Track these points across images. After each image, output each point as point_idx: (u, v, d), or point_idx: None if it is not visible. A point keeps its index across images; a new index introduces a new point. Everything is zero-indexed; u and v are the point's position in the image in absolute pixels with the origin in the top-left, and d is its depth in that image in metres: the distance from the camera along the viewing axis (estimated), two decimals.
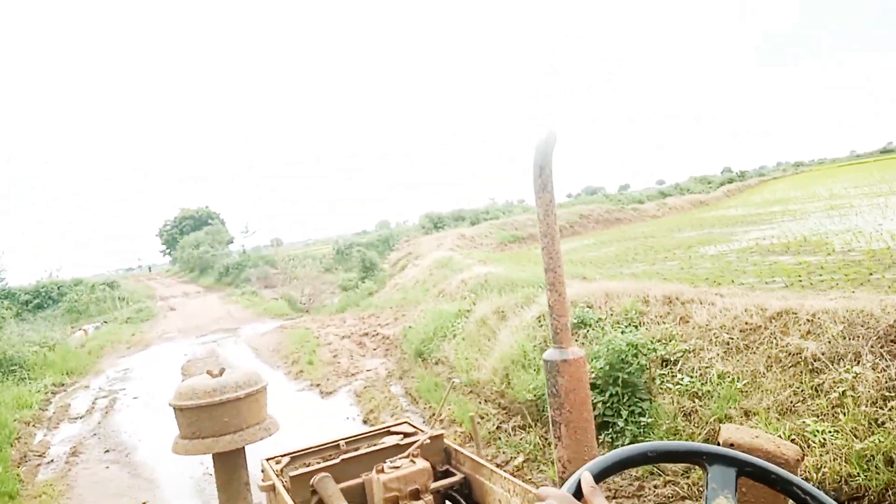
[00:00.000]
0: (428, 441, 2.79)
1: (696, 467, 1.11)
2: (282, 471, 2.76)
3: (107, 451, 8.51)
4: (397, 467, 2.57)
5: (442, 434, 2.86)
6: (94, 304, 34.98)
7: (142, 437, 8.91)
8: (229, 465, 2.09)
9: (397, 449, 2.82)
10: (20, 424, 10.28)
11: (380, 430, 3.20)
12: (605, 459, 0.97)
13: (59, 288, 38.37)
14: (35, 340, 17.12)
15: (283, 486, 2.55)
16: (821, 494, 0.91)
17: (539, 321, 7.45)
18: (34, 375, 14.71)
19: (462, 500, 2.64)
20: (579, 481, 0.92)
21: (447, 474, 2.78)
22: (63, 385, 14.22)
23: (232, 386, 2.02)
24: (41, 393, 13.15)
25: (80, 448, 8.75)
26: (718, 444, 1.18)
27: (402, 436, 2.99)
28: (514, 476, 2.85)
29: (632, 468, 1.27)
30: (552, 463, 3.58)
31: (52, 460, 8.35)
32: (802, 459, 1.46)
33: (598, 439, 4.79)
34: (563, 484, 1.33)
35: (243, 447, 2.06)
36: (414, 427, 3.12)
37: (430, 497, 2.56)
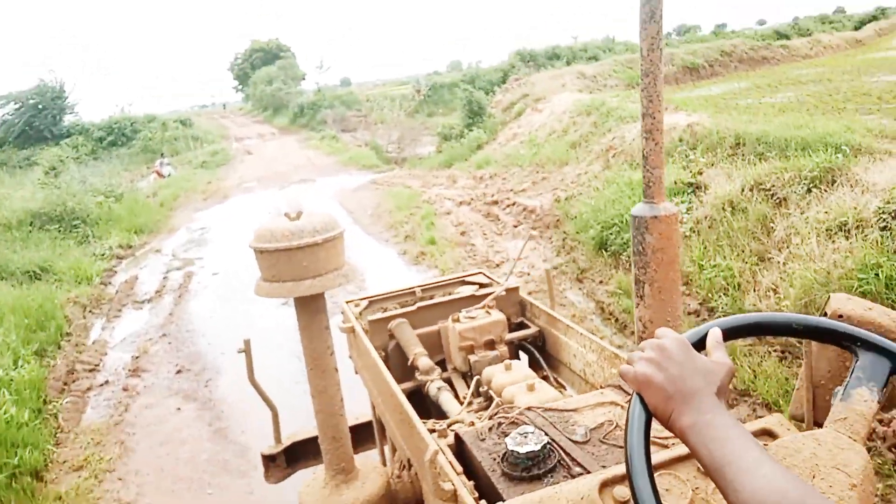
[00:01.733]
0: (503, 293, 2.72)
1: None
2: (361, 314, 2.78)
3: (178, 370, 6.16)
4: (473, 317, 2.54)
5: (517, 287, 2.80)
6: (168, 142, 33.14)
7: (225, 349, 6.50)
8: (310, 309, 2.02)
9: (473, 299, 2.76)
10: (76, 309, 8.12)
11: (454, 279, 3.11)
12: (742, 319, 0.93)
13: (132, 124, 36.67)
14: (99, 189, 14.97)
15: (363, 328, 2.60)
16: None
17: (881, 222, 4.25)
18: (98, 233, 12.63)
19: (536, 352, 2.60)
20: (705, 335, 0.89)
21: (521, 326, 2.75)
22: (131, 247, 12.09)
23: (310, 231, 1.87)
24: (104, 259, 11.04)
25: (143, 361, 6.44)
26: (825, 315, 1.16)
27: (477, 286, 2.94)
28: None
29: (767, 336, 1.10)
30: None
31: (105, 381, 6.07)
32: None
33: None
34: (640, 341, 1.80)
35: (323, 292, 1.95)
36: (489, 278, 3.05)
37: (504, 348, 2.53)
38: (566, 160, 10.15)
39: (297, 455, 2.83)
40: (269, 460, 2.77)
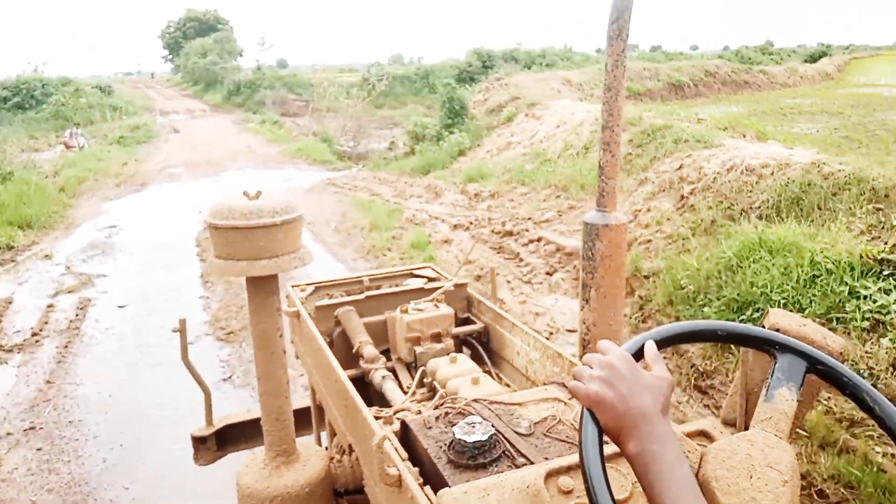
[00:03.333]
0: (452, 288, 2.75)
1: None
2: (306, 299, 2.76)
3: None
4: (421, 310, 2.55)
5: (466, 283, 2.84)
6: (82, 110, 29.15)
7: (133, 473, 3.95)
8: (263, 291, 2.02)
9: (421, 292, 2.77)
10: None
11: (403, 271, 3.09)
12: (671, 329, 0.97)
13: (43, 86, 32.34)
14: None
15: (308, 314, 2.55)
16: (889, 405, 0.88)
17: None
18: None
19: (480, 348, 2.62)
20: (641, 346, 0.92)
21: (467, 322, 2.76)
22: (12, 248, 9.10)
23: (269, 211, 1.86)
24: None
25: None
26: (763, 327, 1.19)
27: (426, 280, 2.94)
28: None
29: (695, 343, 1.24)
30: None
31: None
32: (843, 353, 1.29)
33: None
34: (582, 347, 2.04)
35: (277, 274, 1.95)
36: (437, 272, 3.03)
37: (450, 341, 2.55)
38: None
39: (227, 438, 2.83)
40: (199, 442, 2.76)
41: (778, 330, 1.24)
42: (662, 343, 0.95)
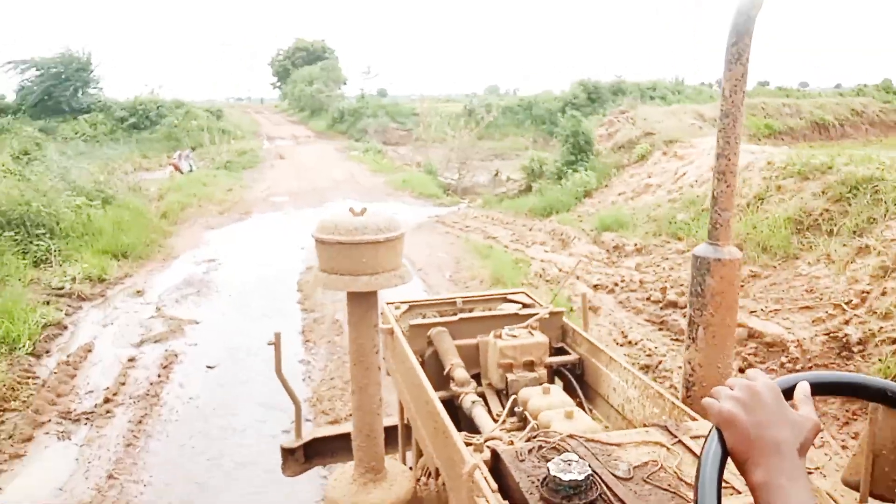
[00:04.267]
0: (547, 315, 2.66)
1: None
2: (400, 317, 2.73)
3: None
4: (515, 336, 2.47)
5: (562, 311, 2.76)
6: (192, 132, 29.79)
7: None
8: (363, 306, 2.05)
9: (515, 318, 2.69)
10: None
11: (497, 295, 3.05)
12: (834, 376, 0.89)
13: (158, 108, 33.48)
14: (83, 186, 11.30)
15: (402, 332, 2.55)
16: None
17: None
18: (66, 251, 8.99)
19: (574, 380, 2.52)
20: (794, 385, 0.84)
21: (562, 352, 2.66)
22: (103, 281, 8.40)
23: (373, 228, 1.90)
24: (57, 300, 7.37)
25: None
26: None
27: (520, 305, 2.85)
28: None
29: (856, 398, 0.92)
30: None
31: None
32: None
33: None
34: (686, 388, 2.02)
35: (377, 291, 1.99)
36: (532, 299, 2.95)
37: (543, 371, 2.45)
38: (791, 251, 6.36)
39: (315, 451, 2.86)
40: (288, 453, 2.78)
41: None
42: (818, 388, 0.85)
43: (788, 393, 0.84)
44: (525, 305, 2.88)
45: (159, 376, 5.60)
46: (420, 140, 24.32)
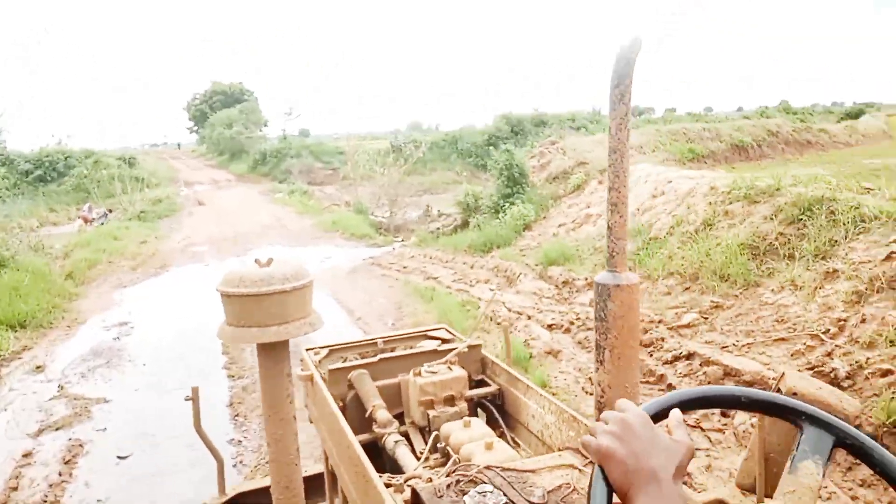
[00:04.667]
0: (466, 350, 2.71)
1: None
2: (320, 362, 2.73)
3: None
4: (434, 372, 2.51)
5: (480, 344, 2.80)
6: (103, 183, 28.13)
7: None
8: (273, 357, 2.04)
9: (435, 354, 2.72)
10: None
11: (417, 332, 3.06)
12: (694, 392, 0.95)
13: (66, 158, 31.68)
14: None
15: (322, 377, 2.55)
16: None
17: None
18: None
19: (494, 410, 2.55)
20: (661, 409, 0.90)
21: (482, 384, 2.71)
22: None
23: (279, 278, 1.90)
24: None
25: None
26: (779, 391, 1.23)
27: (439, 341, 2.90)
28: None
29: (717, 408, 1.18)
30: None
31: None
32: (858, 416, 1.48)
33: None
34: (598, 409, 1.87)
35: (287, 340, 1.99)
36: (452, 334, 3.00)
37: (464, 404, 2.50)
38: (751, 278, 6.08)
39: None
40: None
41: (794, 394, 1.32)
42: (684, 406, 0.92)
43: (658, 416, 0.88)
44: (444, 341, 2.91)
45: (60, 475, 4.70)
46: (347, 179, 23.68)
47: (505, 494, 1.47)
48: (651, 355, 5.60)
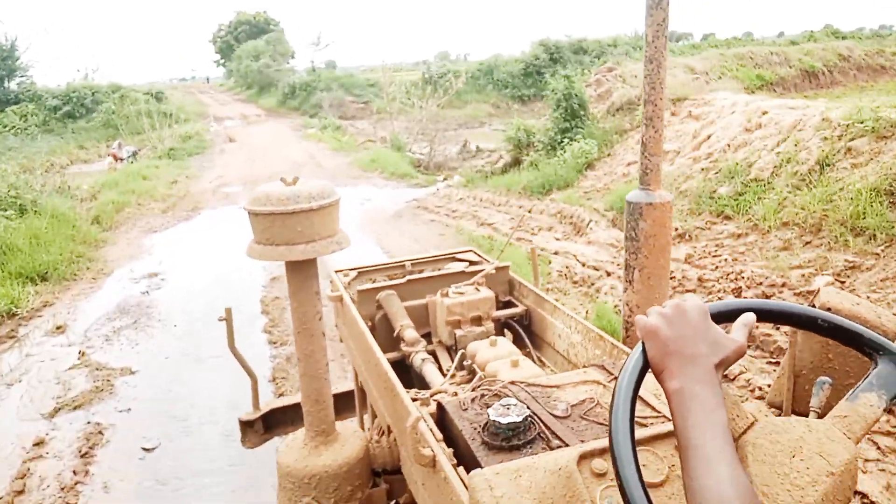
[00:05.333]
0: (493, 271, 2.71)
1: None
2: (349, 284, 2.75)
3: None
4: (462, 293, 2.53)
5: (508, 266, 2.78)
6: (131, 118, 27.34)
7: None
8: (302, 274, 2.05)
9: (462, 276, 2.72)
10: None
11: (446, 255, 3.04)
12: (772, 304, 0.94)
13: (93, 94, 30.89)
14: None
15: (351, 298, 2.59)
16: None
17: None
18: None
19: (521, 331, 2.58)
20: (727, 310, 0.89)
21: (509, 305, 2.72)
22: (14, 315, 6.65)
23: (306, 196, 1.89)
24: None
25: None
26: (814, 306, 1.18)
27: (467, 263, 2.89)
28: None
29: (791, 327, 1.00)
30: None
31: None
32: None
33: None
34: (625, 329, 2.43)
35: (315, 258, 1.99)
36: (480, 256, 2.99)
37: (490, 324, 2.52)
38: (895, 232, 4.98)
39: (274, 422, 2.86)
40: (246, 426, 2.76)
41: (829, 309, 1.25)
42: (755, 313, 0.89)
43: (720, 317, 0.87)
44: (472, 263, 2.89)
45: (74, 473, 3.96)
46: (381, 112, 22.45)
47: (528, 407, 1.49)
48: (778, 329, 4.58)
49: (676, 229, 6.60)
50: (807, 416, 0.98)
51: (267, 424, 2.83)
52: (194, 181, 14.72)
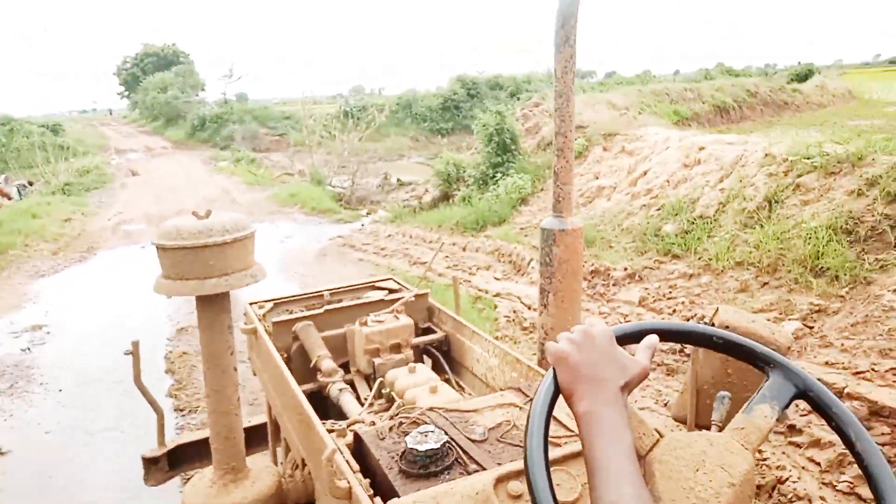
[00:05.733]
0: (412, 298, 2.72)
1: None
2: (264, 316, 2.70)
3: None
4: (381, 321, 2.52)
5: (427, 293, 2.81)
6: (23, 152, 25.30)
7: None
8: (214, 309, 2.02)
9: (381, 304, 2.74)
10: None
11: (364, 284, 3.07)
12: (671, 325, 0.99)
13: None
14: None
15: (266, 330, 2.53)
16: (871, 444, 0.86)
17: None
18: None
19: (440, 357, 2.60)
20: (630, 333, 0.94)
21: (428, 331, 2.76)
22: None
23: (219, 230, 1.89)
24: None
25: None
26: (713, 324, 1.30)
27: (387, 291, 2.92)
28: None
29: (687, 344, 1.14)
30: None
31: None
32: (790, 348, 1.43)
33: None
34: (541, 352, 2.32)
35: (228, 292, 1.97)
36: (399, 284, 3.03)
37: (410, 352, 2.51)
38: (858, 273, 4.76)
39: (180, 458, 2.75)
40: (150, 463, 2.66)
41: (727, 327, 1.42)
42: (655, 333, 0.95)
43: (624, 340, 0.92)
44: (391, 291, 2.90)
45: None
46: (299, 145, 21.63)
47: (446, 433, 1.48)
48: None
49: (626, 269, 6.25)
50: (709, 429, 1.01)
51: (172, 461, 2.73)
52: (91, 219, 13.42)
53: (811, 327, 4.59)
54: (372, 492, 1.41)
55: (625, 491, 0.73)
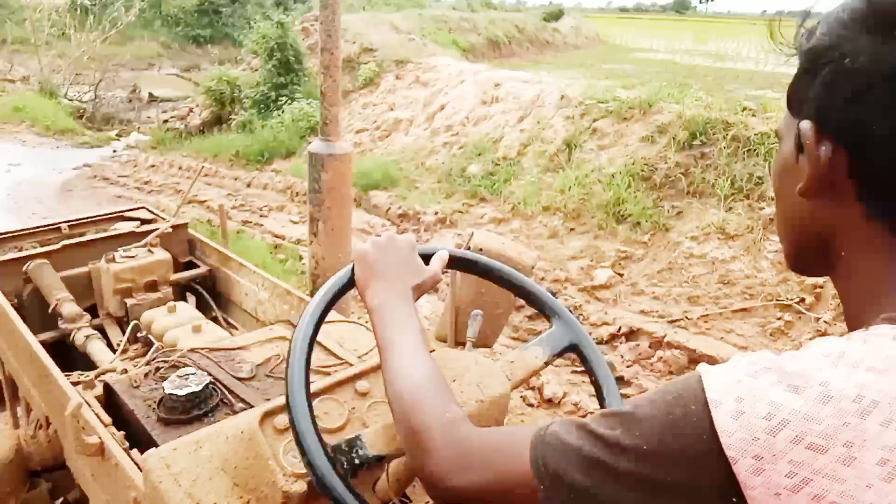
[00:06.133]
0: (169, 230, 2.48)
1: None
2: None
3: None
4: (132, 256, 2.31)
5: (187, 223, 2.59)
6: None
7: None
8: None
9: (133, 237, 2.48)
10: None
11: (111, 214, 2.79)
12: (466, 254, 1.05)
13: None
14: None
15: None
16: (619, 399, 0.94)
17: None
18: None
19: (205, 292, 2.42)
20: (432, 253, 0.98)
21: (190, 266, 2.55)
22: None
23: None
24: None
25: None
26: (469, 249, 1.35)
27: (138, 222, 2.66)
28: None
29: (481, 277, 1.10)
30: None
31: None
32: (534, 266, 1.53)
33: None
34: (312, 281, 2.49)
35: None
36: (154, 213, 2.77)
37: (168, 289, 2.33)
38: (658, 220, 5.02)
39: None
40: None
41: (481, 250, 1.49)
42: (455, 262, 1.01)
43: (427, 258, 0.97)
44: (144, 222, 2.68)
45: None
46: (22, 43, 17.77)
47: (210, 374, 1.42)
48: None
49: (436, 213, 6.02)
50: (464, 346, 1.07)
51: None
52: None
53: (621, 274, 4.79)
54: (128, 444, 1.32)
55: (414, 359, 0.80)
